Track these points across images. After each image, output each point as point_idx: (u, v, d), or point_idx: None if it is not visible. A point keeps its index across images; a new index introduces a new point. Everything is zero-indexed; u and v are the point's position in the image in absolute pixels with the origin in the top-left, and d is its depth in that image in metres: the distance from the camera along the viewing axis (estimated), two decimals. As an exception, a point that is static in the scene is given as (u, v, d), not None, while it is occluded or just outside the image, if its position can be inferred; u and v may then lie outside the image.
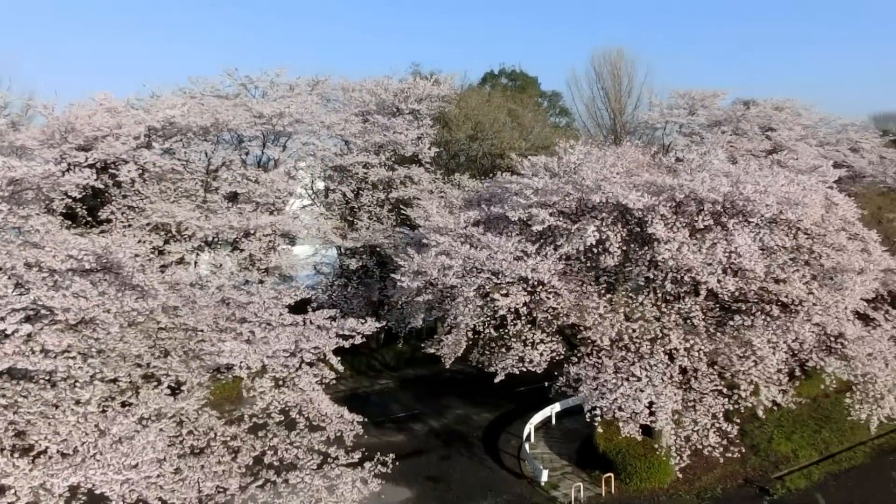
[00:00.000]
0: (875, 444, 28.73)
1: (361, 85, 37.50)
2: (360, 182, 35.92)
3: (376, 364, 39.89)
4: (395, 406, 34.47)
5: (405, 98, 37.24)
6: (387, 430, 31.03)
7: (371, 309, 35.84)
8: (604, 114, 53.99)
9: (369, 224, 35.44)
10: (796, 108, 51.87)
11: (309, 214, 36.17)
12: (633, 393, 22.10)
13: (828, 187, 25.14)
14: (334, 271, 38.44)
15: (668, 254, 20.93)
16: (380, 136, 35.22)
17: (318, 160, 34.68)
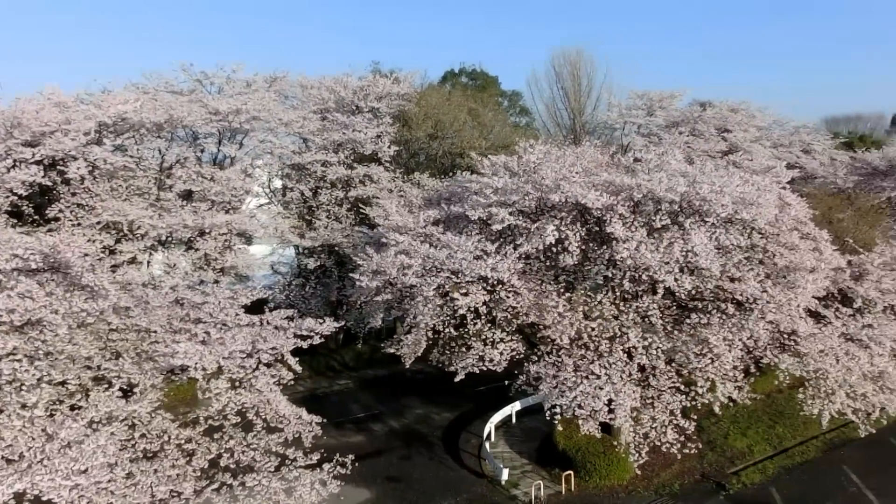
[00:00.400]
0: (826, 439, 29.43)
1: (320, 82, 37.06)
2: (319, 180, 35.51)
3: (335, 364, 39.51)
4: (354, 406, 34.18)
5: (365, 96, 36.94)
6: (346, 431, 30.75)
7: (329, 309, 35.50)
8: (563, 114, 54.33)
9: (328, 223, 35.06)
10: (751, 111, 52.94)
11: (266, 213, 35.63)
12: (592, 391, 22.26)
13: (781, 188, 25.55)
14: (292, 271, 37.97)
15: (627, 253, 21.05)
16: (339, 134, 34.87)
17: (275, 158, 34.22)
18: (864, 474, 26.21)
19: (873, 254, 28.47)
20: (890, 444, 28.85)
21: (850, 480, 25.84)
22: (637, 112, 47.63)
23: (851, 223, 33.38)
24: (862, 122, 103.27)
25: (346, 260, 33.00)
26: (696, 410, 23.56)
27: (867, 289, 27.09)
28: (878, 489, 25.02)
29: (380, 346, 29.05)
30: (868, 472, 26.42)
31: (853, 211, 36.65)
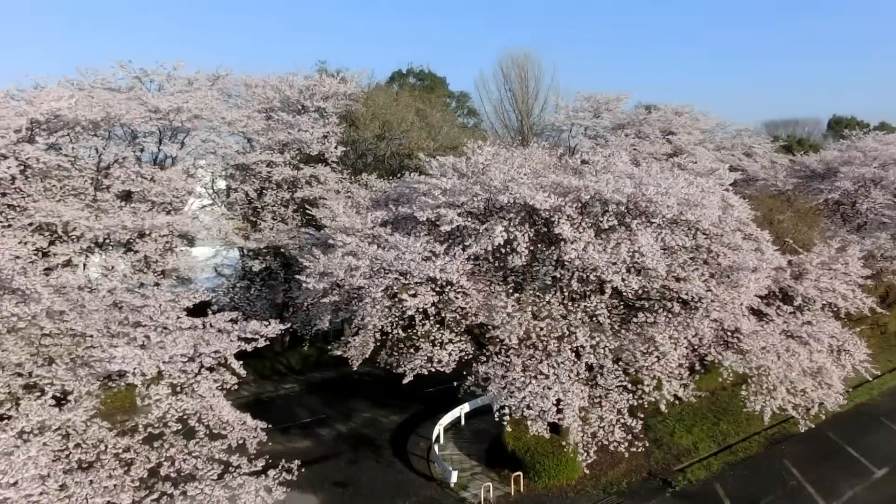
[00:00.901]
0: (768, 434, 30.11)
1: (265, 81, 36.34)
2: (264, 181, 34.83)
3: (281, 368, 38.83)
4: (301, 411, 33.62)
5: (311, 95, 36.39)
6: (292, 436, 30.21)
7: (275, 311, 34.89)
8: (511, 115, 54.59)
9: (273, 224, 34.43)
10: (695, 114, 54.07)
11: (209, 214, 34.78)
12: (540, 391, 22.30)
13: (724, 190, 26.08)
14: (236, 273, 37.14)
15: (575, 253, 21.20)
16: (284, 134, 34.27)
17: (218, 158, 33.39)
18: (803, 468, 26.90)
19: (812, 254, 29.30)
20: (828, 437, 29.67)
21: (790, 474, 26.48)
22: (584, 114, 48.19)
23: (791, 224, 34.32)
24: (800, 127, 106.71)
25: (293, 262, 32.43)
26: (642, 409, 23.86)
27: (806, 287, 27.86)
28: (816, 482, 25.70)
29: (327, 349, 28.63)
30: (807, 465, 27.13)
31: (793, 212, 37.72)
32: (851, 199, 50.06)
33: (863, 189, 49.40)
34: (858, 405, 33.91)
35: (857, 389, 34.50)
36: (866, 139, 53.79)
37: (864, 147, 51.60)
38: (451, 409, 30.99)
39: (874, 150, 50.55)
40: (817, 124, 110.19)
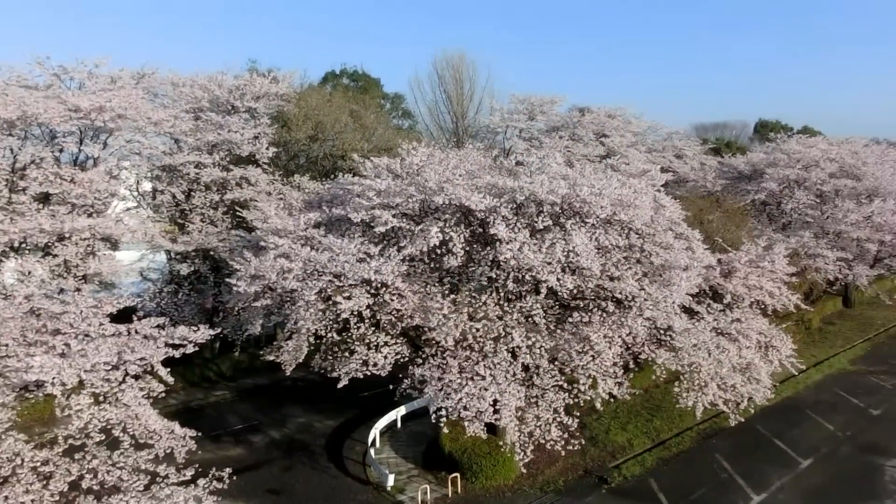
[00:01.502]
0: (700, 429, 30.71)
1: (193, 80, 35.27)
2: (192, 183, 33.80)
3: (211, 374, 37.75)
4: (232, 418, 32.73)
5: (241, 95, 35.49)
6: (224, 444, 29.36)
7: (205, 316, 33.87)
8: (446, 117, 54.60)
9: (202, 227, 33.43)
10: (627, 117, 55.07)
11: (134, 217, 33.52)
12: (477, 392, 22.27)
13: (656, 190, 26.55)
14: (163, 277, 35.90)
15: (510, 254, 21.20)
16: (213, 135, 33.34)
17: (144, 159, 32.19)
18: (734, 461, 27.51)
19: (740, 252, 30.09)
20: (757, 431, 30.44)
21: (721, 467, 27.04)
22: (519, 116, 48.50)
23: (720, 224, 35.27)
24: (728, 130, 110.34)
25: (223, 265, 31.54)
26: (578, 407, 24.06)
27: (735, 285, 28.61)
28: (745, 474, 26.33)
29: (259, 354, 27.90)
30: (738, 458, 27.75)
31: (722, 212, 38.80)
32: (777, 200, 51.91)
33: (787, 190, 51.27)
34: (785, 399, 34.93)
35: (783, 384, 35.56)
36: (790, 142, 55.88)
37: (788, 149, 53.59)
38: (387, 413, 30.62)
39: (798, 152, 52.53)
40: (744, 127, 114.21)
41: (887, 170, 53.39)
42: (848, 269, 49.41)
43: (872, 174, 51.15)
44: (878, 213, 48.36)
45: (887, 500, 24.28)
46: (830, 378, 39.42)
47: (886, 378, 39.18)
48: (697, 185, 55.67)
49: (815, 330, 49.96)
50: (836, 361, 42.60)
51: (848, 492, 25.04)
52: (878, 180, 50.71)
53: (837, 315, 56.01)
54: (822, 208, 50.62)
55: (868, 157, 53.68)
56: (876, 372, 40.53)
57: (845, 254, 48.20)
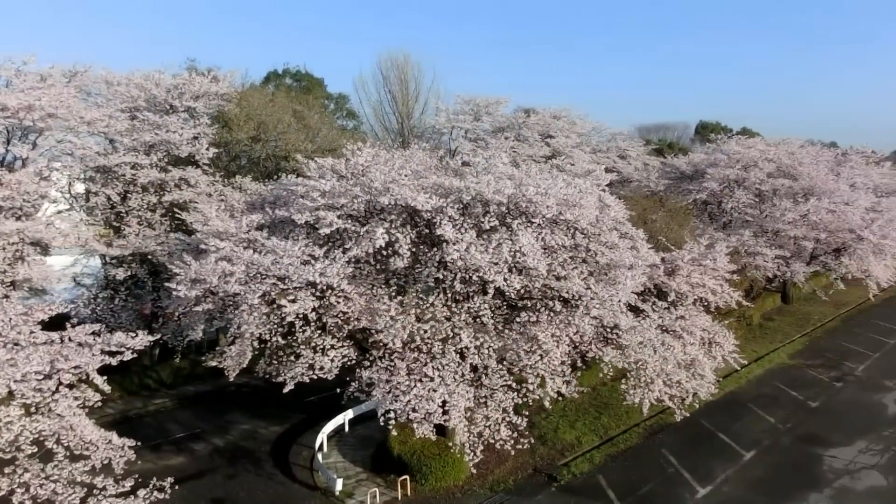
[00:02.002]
0: (647, 425, 31.07)
1: (128, 79, 34.09)
2: (128, 184, 32.67)
3: (150, 382, 36.58)
4: (173, 426, 31.79)
5: (180, 94, 34.48)
6: (164, 454, 28.49)
7: (143, 322, 32.86)
8: (391, 118, 54.24)
9: (139, 230, 32.34)
10: (572, 118, 55.68)
11: (66, 220, 32.14)
12: (426, 393, 22.06)
13: (601, 190, 26.72)
14: (98, 283, 34.58)
15: (457, 254, 21.07)
16: (150, 135, 32.29)
17: (76, 160, 30.89)
18: (680, 455, 27.91)
19: (683, 251, 30.53)
20: (701, 425, 30.95)
21: (668, 462, 27.40)
22: (464, 117, 48.52)
23: (663, 223, 35.79)
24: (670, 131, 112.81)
25: (162, 269, 30.60)
26: (527, 407, 24.07)
27: (679, 283, 29.02)
28: (691, 468, 26.73)
29: (201, 360, 27.23)
30: (684, 453, 28.17)
31: (665, 212, 39.41)
32: (718, 199, 53.07)
33: (727, 189, 52.48)
34: (728, 393, 35.62)
35: (726, 379, 36.24)
36: (730, 143, 57.31)
37: (728, 150, 54.90)
38: (334, 417, 30.16)
39: (737, 153, 53.85)
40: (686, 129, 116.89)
41: (822, 170, 55.06)
42: (786, 267, 50.78)
43: (808, 174, 52.68)
44: (814, 211, 49.81)
45: (826, 489, 24.92)
46: (771, 372, 40.39)
47: (823, 371, 40.34)
48: (641, 185, 56.61)
49: (756, 326, 51.22)
50: (775, 356, 43.69)
51: (789, 481, 25.62)
52: (814, 180, 52.25)
53: (776, 311, 57.53)
54: (760, 207, 51.92)
55: (804, 158, 55.27)
56: (813, 365, 41.69)
57: (783, 251, 49.55)
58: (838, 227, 50.47)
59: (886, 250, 53.73)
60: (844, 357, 43.50)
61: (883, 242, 52.20)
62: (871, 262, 52.82)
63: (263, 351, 24.44)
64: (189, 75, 35.67)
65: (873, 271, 53.00)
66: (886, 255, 54.54)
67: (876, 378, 38.84)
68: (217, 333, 38.02)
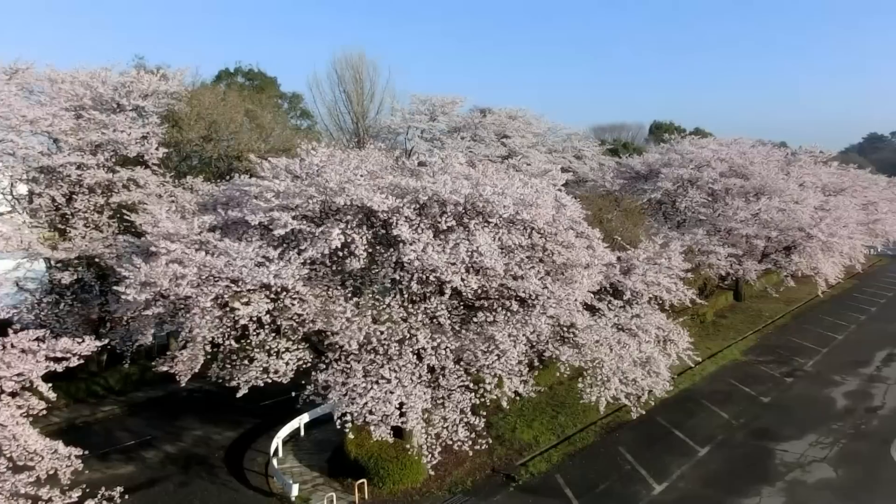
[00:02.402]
0: (604, 423, 31.28)
1: (73, 76, 32.99)
2: (74, 185, 31.59)
3: (98, 389, 35.59)
4: (122, 434, 30.95)
5: (127, 93, 33.49)
6: (113, 462, 27.70)
7: (90, 327, 31.79)
8: (346, 117, 53.78)
9: (86, 232, 31.30)
10: (528, 118, 56.00)
11: (8, 223, 30.97)
12: (383, 395, 21.95)
13: (557, 190, 26.80)
14: (42, 287, 33.37)
15: (414, 255, 20.95)
16: (97, 135, 31.28)
17: (18, 160, 29.87)
18: (636, 453, 28.14)
19: (638, 250, 30.80)
20: (657, 422, 31.28)
21: (625, 459, 27.60)
22: (420, 117, 48.40)
23: (619, 222, 36.08)
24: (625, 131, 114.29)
25: (109, 272, 29.62)
26: (485, 407, 24.06)
27: (634, 282, 29.25)
28: (647, 464, 26.98)
29: (151, 365, 26.47)
30: (640, 450, 28.41)
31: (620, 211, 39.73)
32: (672, 199, 53.81)
33: (681, 189, 53.24)
34: (683, 390, 36.10)
35: (681, 376, 36.75)
36: (683, 143, 58.20)
37: (681, 150, 55.74)
38: (289, 421, 29.69)
39: (690, 153, 54.71)
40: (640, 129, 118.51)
41: (772, 169, 56.24)
42: (738, 265, 51.77)
43: (759, 173, 53.75)
44: (765, 210, 50.86)
45: (778, 483, 25.36)
46: (724, 369, 41.08)
47: (775, 367, 41.16)
48: (597, 184, 57.11)
49: (709, 323, 52.08)
50: (728, 353, 44.46)
51: (742, 475, 26.01)
52: (764, 179, 53.34)
53: (729, 308, 58.61)
54: (713, 206, 52.80)
55: (755, 157, 56.40)
56: (765, 361, 42.53)
57: (736, 250, 50.50)
58: (788, 226, 51.63)
59: (835, 248, 55.26)
60: (795, 353, 44.47)
61: (831, 240, 53.66)
62: (820, 260, 54.22)
63: (216, 355, 23.99)
64: (137, 73, 34.66)
65: (822, 268, 54.41)
66: (835, 253, 56.09)
67: (825, 373, 39.76)
68: (168, 338, 37.27)
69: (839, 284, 66.26)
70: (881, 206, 78.55)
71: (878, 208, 77.41)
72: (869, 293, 67.46)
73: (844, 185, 71.04)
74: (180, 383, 23.95)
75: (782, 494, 24.42)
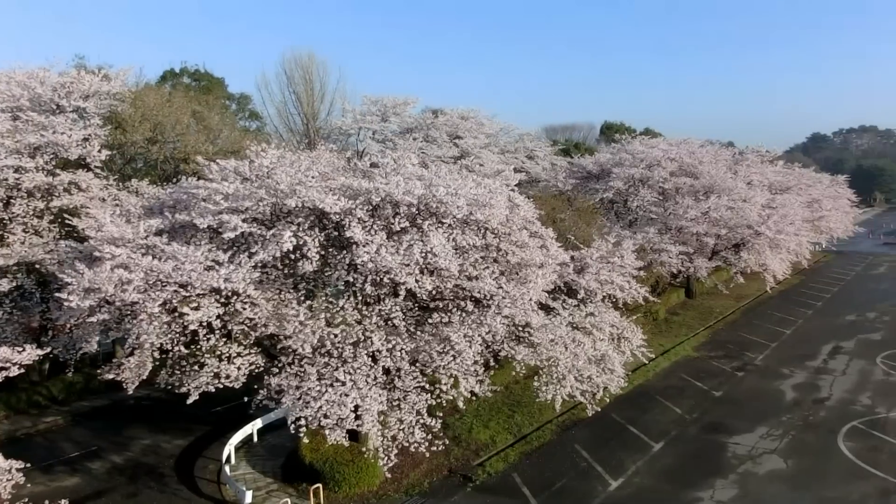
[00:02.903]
0: (559, 421, 31.36)
1: (9, 76, 31.81)
2: (11, 189, 30.37)
3: (40, 399, 34.45)
4: (66, 445, 29.96)
5: (67, 94, 32.42)
6: (57, 475, 26.77)
7: (31, 335, 30.66)
8: (297, 118, 53.18)
9: (25, 238, 30.14)
10: (480, 118, 56.10)
11: (-61, 230, 29.82)
12: (337, 398, 21.73)
13: (511, 190, 26.82)
14: (-22, 296, 32.19)
15: (367, 256, 20.73)
16: (35, 137, 30.15)
17: (-48, 164, 28.75)
18: (592, 449, 28.26)
19: (592, 249, 31.05)
20: (612, 419, 31.47)
21: (581, 457, 27.68)
22: (372, 118, 48.07)
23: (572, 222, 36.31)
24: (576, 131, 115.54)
25: (51, 279, 28.60)
26: (441, 408, 23.97)
27: (588, 280, 29.47)
28: (603, 461, 27.10)
29: (96, 374, 25.72)
30: (596, 447, 28.54)
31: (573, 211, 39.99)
32: (623, 198, 54.45)
33: (633, 188, 53.92)
34: (637, 387, 36.45)
35: (635, 372, 37.12)
36: (634, 143, 58.96)
37: (632, 150, 56.45)
38: (242, 426, 29.12)
39: (641, 152, 55.45)
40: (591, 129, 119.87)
41: (721, 168, 57.38)
42: (689, 262, 52.64)
43: (708, 172, 54.75)
44: (714, 208, 51.78)
45: (731, 475, 25.71)
46: (677, 365, 41.62)
47: (726, 362, 41.87)
48: (549, 184, 57.49)
49: (662, 320, 52.77)
50: (681, 349, 45.08)
51: (696, 469, 26.32)
52: (713, 178, 54.33)
53: (681, 305, 59.53)
54: (664, 205, 53.57)
55: (704, 157, 57.43)
56: (716, 357, 43.24)
57: (686, 248, 51.32)
58: (737, 224, 52.69)
59: (782, 245, 56.59)
60: (745, 348, 45.30)
61: (778, 237, 54.93)
62: (768, 256, 55.50)
63: (165, 361, 23.37)
64: (77, 73, 33.59)
65: (770, 265, 55.68)
66: (782, 250, 57.45)
67: (774, 367, 40.57)
68: (114, 345, 36.29)
69: (787, 280, 67.88)
70: (825, 203, 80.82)
71: (822, 206, 79.65)
72: (815, 288, 69.16)
73: (790, 184, 72.90)
74: (127, 391, 23.41)
75: (735, 486, 24.76)
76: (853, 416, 31.31)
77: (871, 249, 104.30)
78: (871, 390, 35.21)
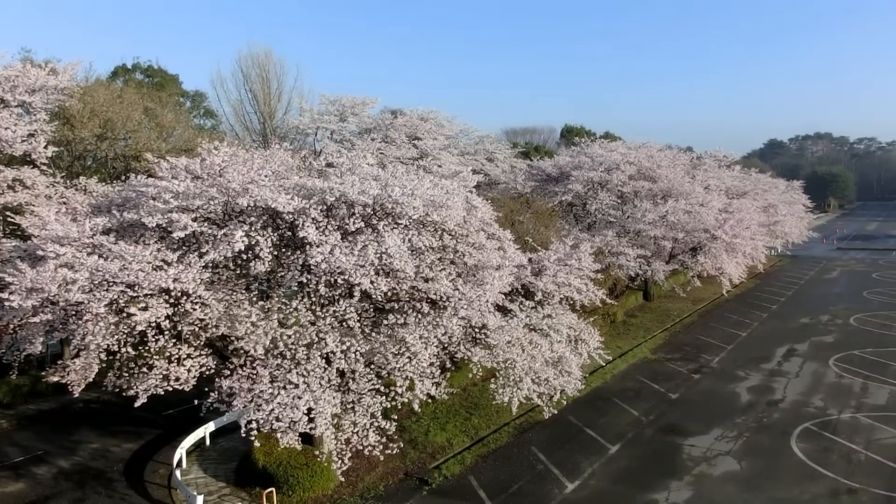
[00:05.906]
0: (516, 424, 31.28)
1: (-50, 69, 30.86)
2: (-48, 187, 29.48)
3: (-18, 403, 33.44)
4: (11, 450, 29.04)
5: (12, 88, 31.34)
6: (0, 480, 25.94)
7: (-28, 337, 29.71)
8: (253, 117, 52.28)
9: (-35, 237, 29.25)
10: (439, 120, 55.93)
11: None
12: (290, 401, 21.35)
13: (468, 192, 26.74)
14: (-87, 299, 30.95)
15: (321, 257, 20.50)
16: (-24, 132, 29.25)
17: None
18: (548, 452, 28.20)
19: (549, 251, 31.04)
20: (569, 421, 31.50)
21: (537, 459, 27.60)
22: (329, 118, 47.60)
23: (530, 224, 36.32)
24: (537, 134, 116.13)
25: (-8, 279, 27.71)
26: (396, 410, 23.63)
27: (546, 282, 29.43)
28: (560, 463, 27.05)
29: (42, 376, 24.92)
30: (552, 449, 28.49)
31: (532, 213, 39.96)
32: (582, 201, 54.67)
33: (591, 191, 54.19)
34: (594, 389, 36.55)
35: (592, 375, 37.25)
36: (594, 146, 59.31)
37: (592, 153, 56.75)
38: (194, 430, 28.50)
39: (600, 156, 55.76)
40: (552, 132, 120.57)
41: (679, 172, 57.94)
42: (647, 265, 53.00)
43: (666, 176, 55.23)
44: (672, 212, 52.24)
45: (686, 476, 25.83)
46: (634, 367, 41.87)
47: (682, 364, 42.26)
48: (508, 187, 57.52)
49: (620, 323, 53.17)
50: (638, 351, 45.41)
51: (652, 471, 26.40)
52: (671, 182, 54.82)
53: (639, 308, 60.06)
54: (623, 208, 53.89)
55: (662, 161, 58.00)
56: (673, 359, 43.63)
57: (644, 251, 51.69)
58: (694, 227, 53.24)
59: (738, 249, 57.38)
60: (701, 350, 45.81)
61: (735, 241, 55.70)
62: (725, 260, 56.20)
63: (112, 363, 22.73)
64: (23, 67, 32.60)
65: (726, 269, 56.40)
66: (738, 254, 58.26)
67: (730, 369, 41.04)
68: (61, 345, 35.28)
69: (742, 284, 68.97)
70: (780, 208, 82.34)
71: (778, 210, 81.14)
72: (770, 292, 70.34)
73: (746, 189, 74.06)
74: (74, 394, 22.67)
75: (689, 488, 24.89)
76: (806, 418, 31.74)
77: (824, 254, 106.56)
78: (824, 392, 35.78)
